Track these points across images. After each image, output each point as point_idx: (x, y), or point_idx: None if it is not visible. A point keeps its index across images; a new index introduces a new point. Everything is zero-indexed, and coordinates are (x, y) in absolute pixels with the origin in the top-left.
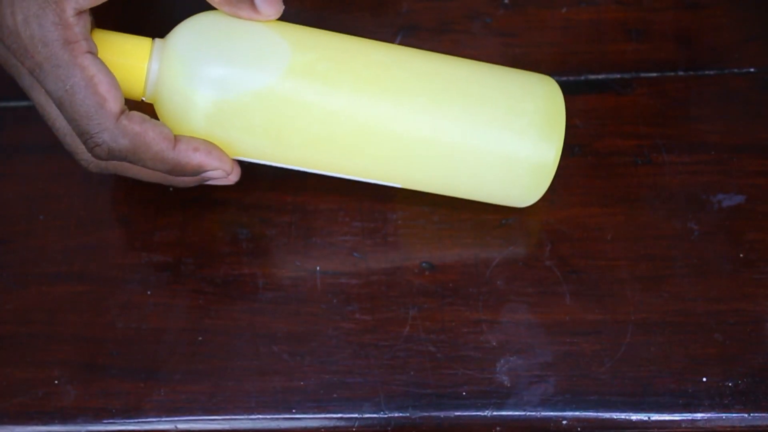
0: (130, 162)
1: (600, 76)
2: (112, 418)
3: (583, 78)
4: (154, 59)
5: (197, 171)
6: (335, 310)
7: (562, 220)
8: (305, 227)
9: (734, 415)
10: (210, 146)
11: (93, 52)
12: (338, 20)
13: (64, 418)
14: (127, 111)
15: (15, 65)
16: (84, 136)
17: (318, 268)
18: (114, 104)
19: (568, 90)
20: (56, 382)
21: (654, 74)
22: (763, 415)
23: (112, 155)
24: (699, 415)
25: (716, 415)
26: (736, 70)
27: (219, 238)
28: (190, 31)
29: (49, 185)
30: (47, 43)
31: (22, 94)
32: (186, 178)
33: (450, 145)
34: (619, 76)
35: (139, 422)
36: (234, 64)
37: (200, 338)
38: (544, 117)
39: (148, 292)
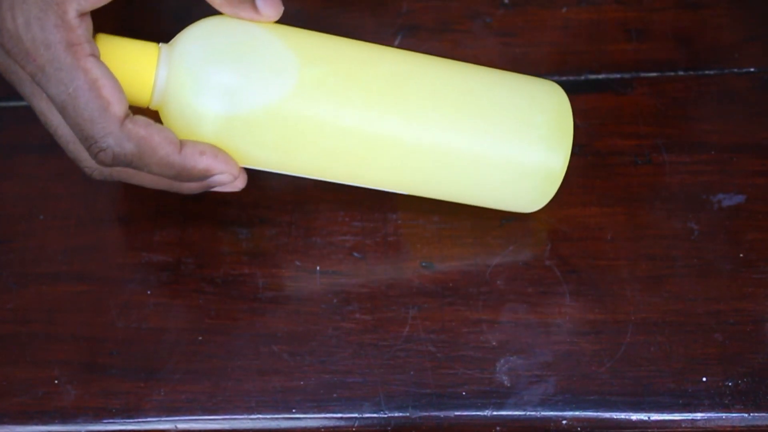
0: (135, 168)
1: (600, 76)
2: (112, 418)
3: (583, 78)
4: (162, 67)
5: (204, 175)
6: (335, 310)
7: (562, 220)
8: (305, 227)
9: (734, 415)
10: (216, 150)
11: (96, 55)
12: (338, 20)
13: (64, 418)
14: (131, 115)
15: (15, 72)
16: (88, 141)
17: (318, 268)
18: (118, 107)
19: (568, 90)
20: (56, 382)
21: (654, 74)
22: (763, 415)
23: (117, 161)
24: (699, 415)
25: (716, 415)
26: (736, 70)
27: (219, 238)
28: (197, 39)
29: (49, 185)
30: (49, 46)
31: None
32: (192, 185)
33: (459, 156)
34: (619, 76)
35: (139, 422)
36: (244, 79)
37: (200, 338)
38: (553, 126)
39: (148, 292)
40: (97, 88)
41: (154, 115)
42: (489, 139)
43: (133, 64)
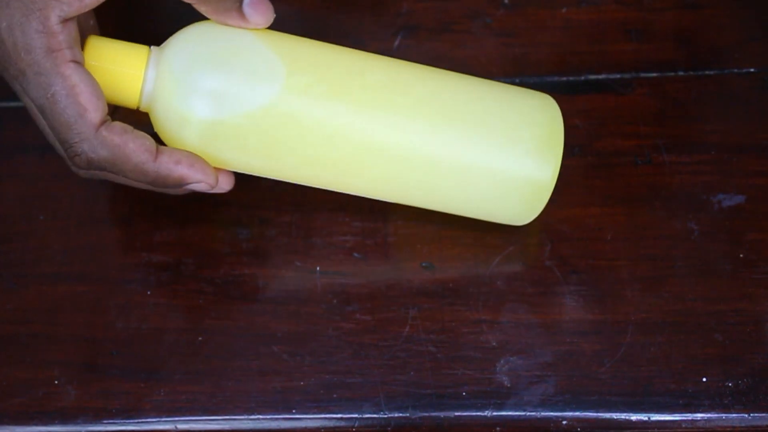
0: (110, 173)
1: (600, 76)
2: (112, 418)
3: (583, 78)
4: (150, 69)
5: (179, 183)
6: (335, 310)
7: (562, 220)
8: (305, 227)
9: (734, 415)
10: (193, 158)
11: (77, 61)
12: (338, 20)
13: (64, 418)
14: (109, 121)
15: (4, 70)
16: (64, 145)
17: (318, 268)
18: (95, 114)
19: (568, 90)
20: (56, 382)
21: (654, 74)
22: (763, 415)
23: (91, 165)
24: (699, 415)
25: (716, 415)
26: (736, 70)
27: (219, 238)
28: (185, 43)
29: (49, 185)
30: (30, 51)
31: None
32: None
33: (446, 167)
34: (619, 76)
35: (139, 422)
36: (228, 85)
37: (200, 338)
38: (541, 141)
39: (148, 292)
40: (74, 95)
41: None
42: (475, 151)
43: (122, 65)
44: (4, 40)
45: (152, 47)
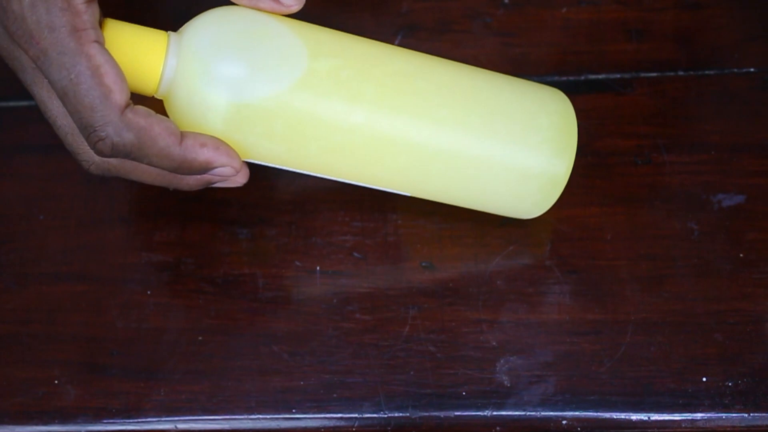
0: (134, 159)
1: (600, 76)
2: (112, 418)
3: (583, 78)
4: (171, 56)
5: (205, 168)
6: (335, 310)
7: (562, 220)
8: (305, 227)
9: (734, 415)
10: (218, 142)
11: (100, 42)
12: (338, 20)
13: (64, 418)
14: (132, 104)
15: (18, 57)
16: (87, 129)
17: (318, 268)
18: (120, 96)
19: (568, 90)
20: (56, 382)
21: (654, 74)
22: (763, 415)
23: (116, 151)
24: (699, 415)
25: (716, 415)
26: (736, 70)
27: (219, 238)
28: (208, 28)
29: (49, 185)
30: (54, 29)
31: (22, 94)
32: (191, 180)
33: (465, 158)
34: (619, 76)
35: (139, 422)
36: (253, 67)
37: (200, 338)
38: (559, 130)
39: (148, 292)
40: (99, 75)
41: (158, 105)
42: (495, 139)
43: (142, 51)
44: (25, 18)
45: (170, 32)
